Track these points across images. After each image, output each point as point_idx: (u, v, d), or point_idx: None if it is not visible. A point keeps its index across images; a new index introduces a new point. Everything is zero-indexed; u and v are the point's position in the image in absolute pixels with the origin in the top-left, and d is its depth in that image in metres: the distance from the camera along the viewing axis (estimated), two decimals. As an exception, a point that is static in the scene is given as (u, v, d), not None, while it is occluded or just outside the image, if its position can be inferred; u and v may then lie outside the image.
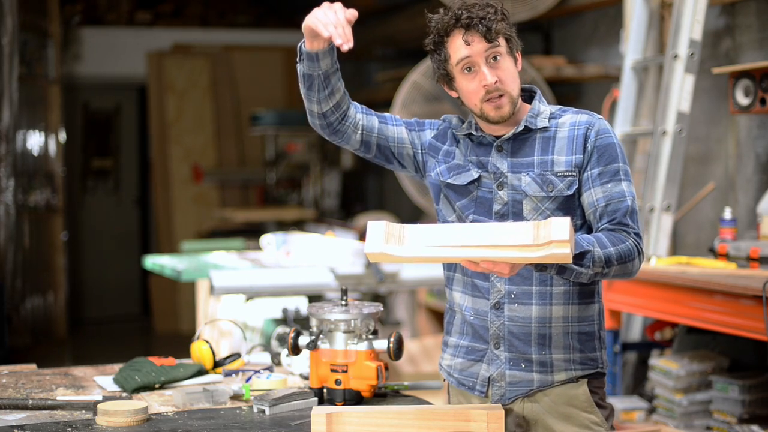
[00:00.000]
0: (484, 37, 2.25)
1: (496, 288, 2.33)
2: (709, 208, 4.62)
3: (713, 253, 3.96)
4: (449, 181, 2.38)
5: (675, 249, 4.73)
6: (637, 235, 2.27)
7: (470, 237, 2.04)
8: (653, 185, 4.24)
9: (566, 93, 5.76)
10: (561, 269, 2.16)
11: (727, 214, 4.03)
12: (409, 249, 2.05)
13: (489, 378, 2.36)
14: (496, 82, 2.27)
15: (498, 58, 2.28)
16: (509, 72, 2.29)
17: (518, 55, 2.35)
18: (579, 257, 2.14)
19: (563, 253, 1.96)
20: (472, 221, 2.35)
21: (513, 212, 2.32)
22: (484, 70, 2.27)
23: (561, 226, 1.97)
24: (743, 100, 3.91)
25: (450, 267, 2.44)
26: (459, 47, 2.28)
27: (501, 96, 2.28)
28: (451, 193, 2.39)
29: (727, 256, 3.87)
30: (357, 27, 2.26)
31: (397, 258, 2.05)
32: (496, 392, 2.35)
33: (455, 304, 2.43)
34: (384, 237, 2.05)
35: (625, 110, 4.61)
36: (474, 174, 2.35)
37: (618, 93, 4.67)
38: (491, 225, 2.07)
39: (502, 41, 2.28)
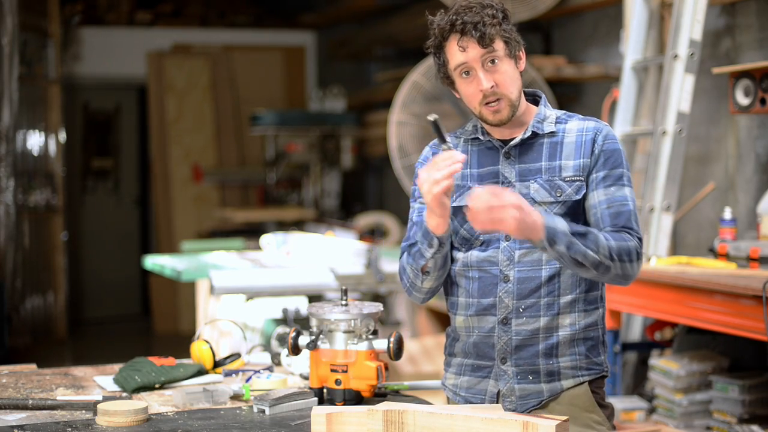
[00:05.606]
0: (478, 43, 2.24)
1: (504, 303, 2.32)
2: (709, 208, 4.62)
3: (713, 253, 3.96)
4: (454, 204, 2.33)
5: (675, 249, 4.73)
6: (640, 240, 2.29)
7: None
8: (653, 185, 4.24)
9: (566, 93, 5.76)
10: (551, 242, 2.17)
11: (727, 214, 4.03)
12: None
13: (498, 393, 2.35)
14: (492, 86, 2.25)
15: (495, 61, 2.26)
16: (507, 75, 2.27)
17: (521, 54, 2.33)
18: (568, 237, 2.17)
19: None
20: (484, 242, 2.34)
21: None
22: (480, 75, 2.26)
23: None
24: (743, 100, 3.91)
25: (453, 292, 2.42)
26: (455, 52, 2.26)
27: (498, 100, 2.27)
28: (455, 218, 2.35)
29: (727, 256, 3.87)
30: (357, 27, 2.26)
31: None
32: (507, 407, 2.33)
33: (458, 329, 2.41)
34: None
35: (625, 110, 4.61)
36: None
37: (618, 93, 4.66)
38: (478, 418, 2.05)
39: (499, 44, 2.26)
